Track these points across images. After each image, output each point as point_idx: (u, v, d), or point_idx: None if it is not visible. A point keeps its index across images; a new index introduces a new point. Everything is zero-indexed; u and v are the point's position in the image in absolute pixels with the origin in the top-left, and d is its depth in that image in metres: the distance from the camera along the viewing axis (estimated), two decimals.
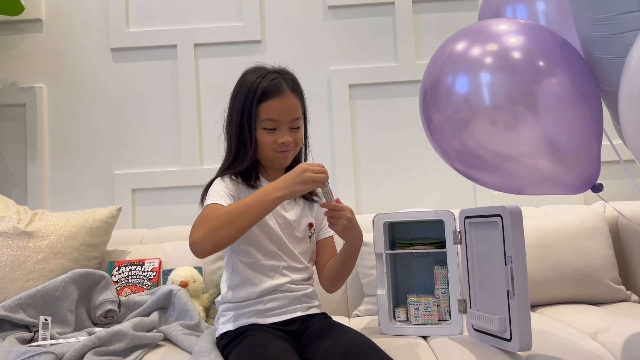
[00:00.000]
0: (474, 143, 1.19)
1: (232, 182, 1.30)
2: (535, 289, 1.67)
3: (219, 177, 1.32)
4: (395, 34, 2.33)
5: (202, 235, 1.12)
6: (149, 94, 2.33)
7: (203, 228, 1.13)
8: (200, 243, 1.12)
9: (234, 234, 1.14)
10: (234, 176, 1.32)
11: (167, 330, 1.49)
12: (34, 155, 2.28)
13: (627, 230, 1.86)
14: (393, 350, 1.23)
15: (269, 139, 1.31)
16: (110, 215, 1.88)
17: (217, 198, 1.22)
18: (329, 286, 1.40)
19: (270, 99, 1.29)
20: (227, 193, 1.25)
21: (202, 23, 2.34)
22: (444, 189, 2.26)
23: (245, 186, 1.32)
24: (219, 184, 1.29)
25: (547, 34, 1.21)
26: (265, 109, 1.29)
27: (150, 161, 2.31)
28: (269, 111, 1.29)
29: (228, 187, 1.28)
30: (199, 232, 1.13)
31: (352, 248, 1.32)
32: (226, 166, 1.35)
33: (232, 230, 1.13)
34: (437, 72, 1.24)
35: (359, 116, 2.32)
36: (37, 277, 1.70)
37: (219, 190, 1.25)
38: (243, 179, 1.33)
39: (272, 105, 1.29)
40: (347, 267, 1.37)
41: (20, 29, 2.33)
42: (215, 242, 1.13)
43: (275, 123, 1.30)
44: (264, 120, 1.30)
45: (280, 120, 1.30)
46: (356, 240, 1.31)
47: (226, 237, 1.13)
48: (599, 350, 1.26)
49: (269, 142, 1.31)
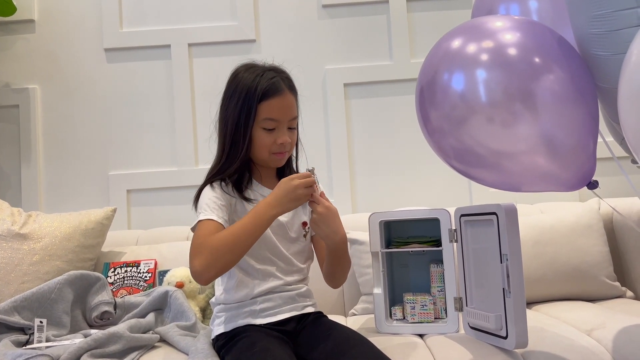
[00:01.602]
0: (471, 140, 1.19)
1: (222, 191, 1.28)
2: (531, 286, 1.67)
3: (209, 185, 1.29)
4: (389, 32, 2.33)
5: (203, 266, 1.12)
6: (144, 94, 2.32)
7: (203, 258, 1.13)
8: (202, 274, 1.13)
9: (234, 260, 1.16)
10: (224, 182, 1.30)
11: (163, 331, 1.48)
12: (28, 157, 2.27)
13: (622, 226, 1.87)
14: (390, 349, 1.23)
15: (268, 140, 1.29)
16: (105, 217, 1.87)
17: (209, 212, 1.21)
18: (330, 282, 1.39)
19: (270, 98, 1.27)
20: (218, 205, 1.24)
21: (196, 23, 2.33)
22: (440, 188, 2.26)
23: (237, 193, 1.30)
24: (209, 194, 1.26)
25: (544, 30, 1.21)
26: (266, 109, 1.27)
27: (145, 162, 2.30)
28: (270, 110, 1.28)
29: (218, 196, 1.26)
30: (200, 263, 1.13)
31: (328, 246, 1.29)
32: (217, 168, 1.32)
33: (232, 258, 1.15)
34: (433, 70, 1.24)
35: (354, 115, 2.32)
36: (32, 279, 1.69)
37: (210, 203, 1.24)
38: (233, 185, 1.31)
39: (272, 104, 1.28)
40: (335, 264, 1.34)
41: (13, 30, 2.32)
42: (216, 271, 1.15)
43: (275, 123, 1.29)
44: (264, 119, 1.28)
45: (280, 119, 1.29)
46: (328, 239, 1.26)
47: (227, 264, 1.15)
48: (594, 347, 1.26)
49: (267, 142, 1.29)
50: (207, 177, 1.33)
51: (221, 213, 1.23)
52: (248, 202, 1.31)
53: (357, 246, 1.83)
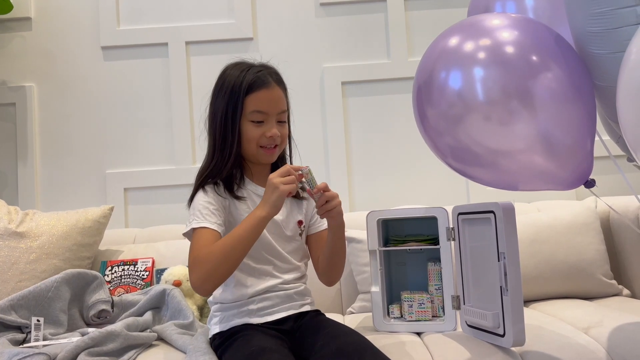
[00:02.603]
0: (468, 139, 1.19)
1: (214, 194, 1.28)
2: (528, 285, 1.67)
3: (201, 189, 1.29)
4: (387, 30, 2.33)
5: (202, 279, 1.15)
6: (141, 92, 2.32)
7: (200, 272, 1.15)
8: (201, 287, 1.17)
9: (231, 269, 1.18)
10: (216, 185, 1.30)
11: (160, 329, 1.48)
12: (25, 155, 2.27)
13: (619, 225, 1.87)
14: (387, 347, 1.23)
15: (256, 133, 1.29)
16: (103, 215, 1.87)
17: (202, 219, 1.22)
18: (327, 278, 1.39)
19: (257, 90, 1.28)
20: (210, 210, 1.24)
21: (193, 21, 2.33)
22: (437, 186, 2.26)
23: (229, 194, 1.30)
24: (201, 199, 1.26)
25: (541, 28, 1.21)
26: (253, 101, 1.28)
27: (143, 160, 2.30)
28: (257, 103, 1.28)
29: (211, 201, 1.26)
30: (198, 276, 1.15)
31: (341, 232, 1.31)
32: (209, 167, 1.32)
33: (228, 268, 1.17)
34: (430, 68, 1.24)
35: (351, 113, 2.32)
36: (29, 277, 1.69)
37: (202, 209, 1.24)
38: (225, 186, 1.31)
39: (259, 96, 1.28)
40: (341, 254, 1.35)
41: (10, 28, 2.31)
42: (215, 283, 1.19)
43: (264, 115, 1.29)
44: (251, 112, 1.28)
45: (268, 112, 1.29)
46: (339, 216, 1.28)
47: (224, 275, 1.18)
48: (591, 345, 1.26)
49: (256, 135, 1.29)
50: (198, 177, 1.33)
51: (214, 218, 1.24)
52: (240, 200, 1.31)
53: (355, 244, 1.83)
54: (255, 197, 1.33)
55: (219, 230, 1.22)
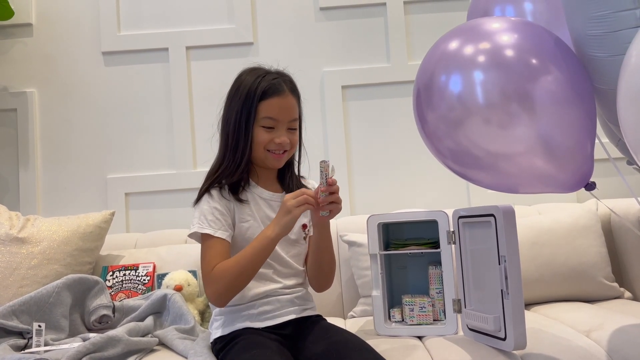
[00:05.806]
0: (468, 142, 1.19)
1: (220, 198, 1.30)
2: (529, 288, 1.67)
3: (207, 193, 1.31)
4: (387, 34, 2.34)
5: (217, 295, 1.22)
6: (141, 97, 2.32)
7: (217, 288, 1.22)
8: (218, 301, 1.24)
9: (245, 282, 1.24)
10: (221, 188, 1.32)
11: (162, 334, 1.48)
12: (26, 161, 2.27)
13: (620, 227, 1.87)
14: (389, 352, 1.23)
15: (265, 137, 1.30)
16: (104, 220, 1.87)
17: (208, 226, 1.26)
18: (316, 282, 1.39)
19: (270, 97, 1.29)
20: (216, 216, 1.27)
21: (193, 26, 2.34)
22: (438, 189, 2.26)
23: (234, 200, 1.32)
24: (208, 203, 1.29)
25: (540, 32, 1.21)
26: (265, 107, 1.29)
27: (144, 165, 2.30)
28: (269, 109, 1.29)
29: (216, 206, 1.28)
30: (214, 292, 1.22)
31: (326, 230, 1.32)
32: (219, 168, 1.33)
33: (243, 282, 1.23)
34: (430, 72, 1.24)
35: (352, 117, 2.32)
36: (30, 283, 1.69)
37: (208, 214, 1.27)
38: (230, 189, 1.32)
39: (272, 103, 1.30)
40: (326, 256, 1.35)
41: (11, 34, 2.32)
42: (231, 296, 1.24)
43: (274, 122, 1.30)
44: (263, 118, 1.30)
45: (279, 119, 1.30)
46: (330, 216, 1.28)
47: (239, 288, 1.24)
48: (593, 348, 1.26)
49: (265, 140, 1.30)
50: (208, 177, 1.34)
51: (220, 224, 1.27)
52: (243, 203, 1.32)
53: (356, 248, 1.82)
54: (260, 200, 1.34)
55: (228, 240, 1.27)
